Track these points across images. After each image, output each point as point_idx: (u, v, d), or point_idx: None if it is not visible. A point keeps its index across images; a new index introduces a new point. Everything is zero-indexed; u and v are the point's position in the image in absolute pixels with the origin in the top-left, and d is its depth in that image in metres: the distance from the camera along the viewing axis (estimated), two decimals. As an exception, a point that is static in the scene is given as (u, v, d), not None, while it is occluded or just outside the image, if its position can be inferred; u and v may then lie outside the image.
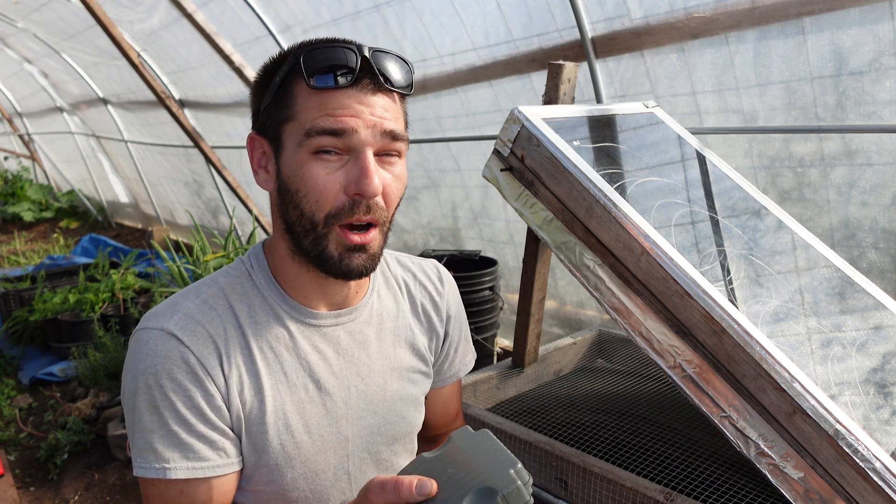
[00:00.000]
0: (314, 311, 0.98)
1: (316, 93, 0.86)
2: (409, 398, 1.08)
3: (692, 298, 1.24)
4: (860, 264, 2.05)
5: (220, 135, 5.24)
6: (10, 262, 7.13)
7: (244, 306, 0.95)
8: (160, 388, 0.88)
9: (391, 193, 0.90)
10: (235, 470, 0.94)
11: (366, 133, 0.86)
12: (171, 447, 0.88)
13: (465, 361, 1.22)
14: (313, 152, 0.86)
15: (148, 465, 0.89)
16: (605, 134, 1.65)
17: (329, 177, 0.86)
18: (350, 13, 3.32)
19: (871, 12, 1.79)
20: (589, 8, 2.34)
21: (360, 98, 0.86)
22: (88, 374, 3.70)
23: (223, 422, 0.91)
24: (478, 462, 0.75)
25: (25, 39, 6.96)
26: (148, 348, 0.89)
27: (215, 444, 0.90)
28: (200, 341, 0.90)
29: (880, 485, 1.06)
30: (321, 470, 0.99)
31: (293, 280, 0.97)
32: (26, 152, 11.13)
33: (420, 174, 3.64)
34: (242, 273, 0.99)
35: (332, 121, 0.85)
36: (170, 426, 0.88)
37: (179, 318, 0.91)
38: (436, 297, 1.14)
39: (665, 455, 1.60)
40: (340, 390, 0.99)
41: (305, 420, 0.97)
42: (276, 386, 0.95)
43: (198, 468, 0.89)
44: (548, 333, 3.24)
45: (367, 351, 1.03)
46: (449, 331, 1.16)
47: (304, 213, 0.89)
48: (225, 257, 3.74)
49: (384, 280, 1.10)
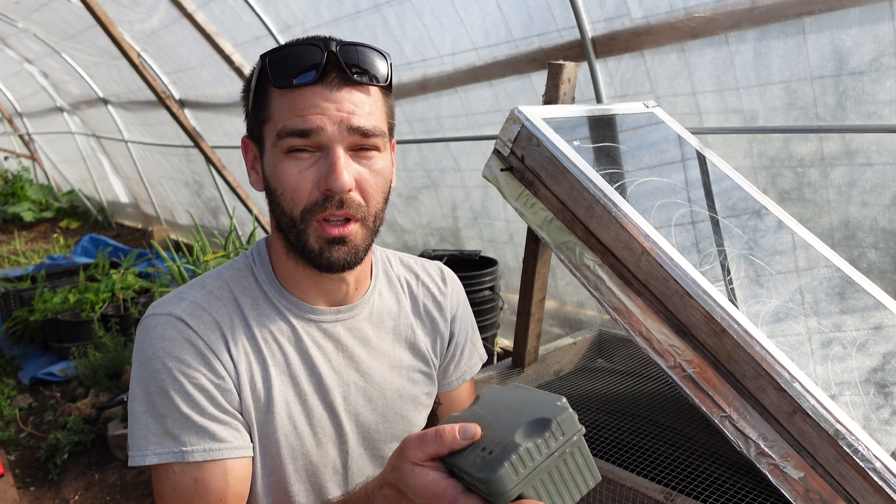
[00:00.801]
0: (313, 306, 0.99)
1: (286, 93, 0.87)
2: (409, 397, 1.08)
3: (692, 298, 1.24)
4: (860, 264, 2.05)
5: (221, 135, 5.24)
6: (10, 262, 7.13)
7: (248, 299, 0.97)
8: (168, 371, 0.88)
9: (368, 188, 0.90)
10: (250, 455, 0.93)
11: (332, 129, 0.86)
12: (187, 430, 0.88)
13: (472, 364, 1.21)
14: (286, 152, 0.88)
15: (164, 450, 0.88)
16: (606, 134, 1.65)
17: (301, 174, 0.88)
18: (350, 13, 3.32)
19: (872, 12, 1.79)
20: (589, 8, 2.34)
21: (325, 95, 0.86)
22: (88, 373, 3.70)
23: (233, 405, 0.92)
24: (519, 404, 0.72)
25: (26, 39, 6.96)
26: (155, 332, 0.90)
27: (230, 425, 0.91)
28: (208, 326, 0.91)
29: (880, 484, 1.06)
30: (321, 464, 0.99)
31: (291, 276, 0.98)
32: (26, 152, 11.14)
33: (420, 174, 3.64)
34: (245, 267, 1.00)
35: (299, 121, 0.86)
36: (182, 409, 0.88)
37: (186, 304, 0.92)
38: (439, 297, 1.14)
39: (665, 455, 1.60)
40: (340, 386, 1.00)
41: (308, 412, 0.97)
42: (280, 376, 0.95)
43: (215, 449, 0.89)
44: (548, 333, 3.24)
45: (366, 348, 1.03)
46: (454, 331, 1.16)
47: (283, 210, 0.90)
48: (225, 257, 3.75)
49: (386, 279, 1.10)
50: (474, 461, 0.68)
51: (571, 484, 0.70)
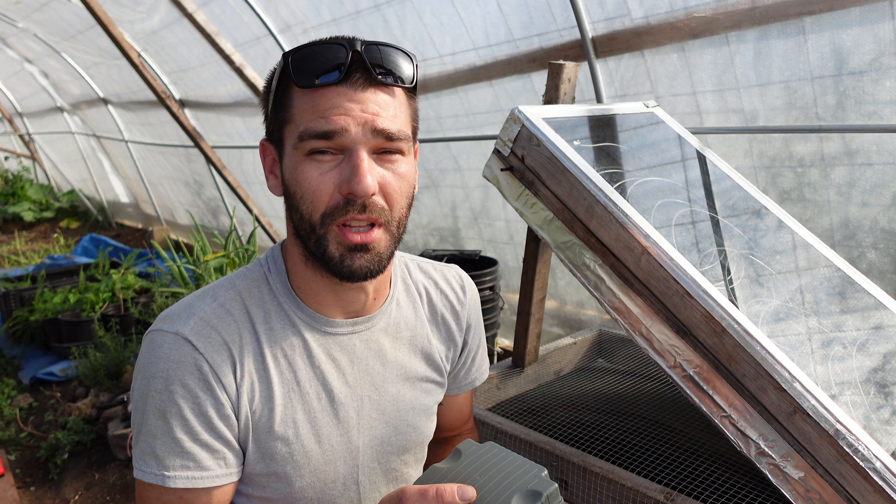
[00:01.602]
0: (330, 318, 0.96)
1: (308, 93, 0.84)
2: (421, 408, 1.06)
3: (692, 298, 1.24)
4: (860, 264, 2.05)
5: (221, 135, 5.24)
6: (10, 262, 7.13)
7: (260, 311, 0.94)
8: (169, 394, 0.86)
9: (392, 192, 0.87)
10: (233, 481, 0.93)
11: (356, 131, 0.83)
12: (173, 455, 0.87)
13: (482, 371, 1.20)
14: (307, 154, 0.85)
15: (148, 470, 0.88)
16: (606, 134, 1.65)
17: (322, 177, 0.84)
18: (350, 13, 3.32)
19: (872, 12, 1.79)
20: (589, 7, 2.34)
21: (350, 95, 0.83)
22: (89, 373, 3.70)
23: (230, 431, 0.90)
24: (504, 469, 0.77)
25: (26, 39, 6.96)
26: (161, 352, 0.87)
27: (217, 454, 0.89)
28: (215, 348, 0.89)
29: (881, 484, 1.06)
30: (330, 480, 0.98)
31: (308, 286, 0.95)
32: (27, 152, 11.14)
33: (420, 174, 3.64)
34: (260, 276, 0.97)
35: (322, 122, 0.83)
36: (174, 433, 0.87)
37: (195, 322, 0.89)
38: (457, 307, 1.12)
39: (665, 455, 1.60)
40: (353, 400, 0.98)
41: (316, 430, 0.95)
42: (287, 394, 0.93)
43: (197, 478, 0.88)
44: (548, 333, 3.24)
45: (381, 360, 1.01)
46: (468, 340, 1.14)
47: (303, 215, 0.87)
48: (225, 257, 3.74)
49: (405, 287, 1.07)
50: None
51: None
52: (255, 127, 4.77)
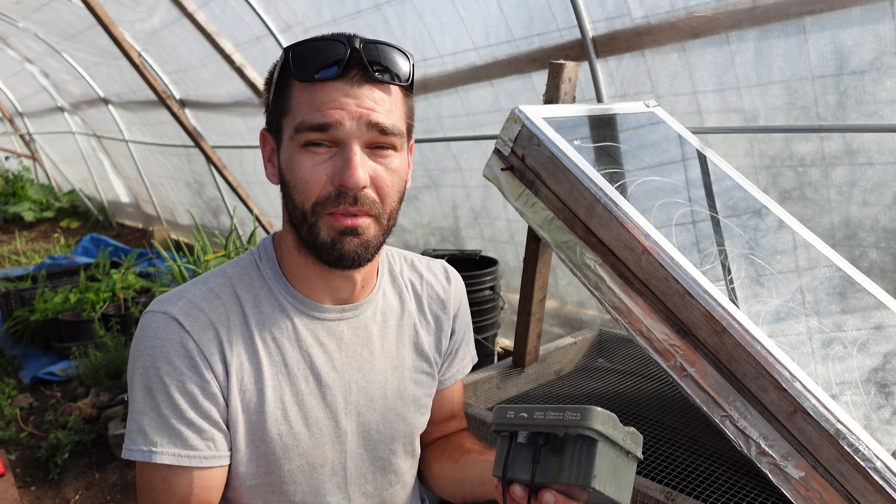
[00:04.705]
0: (319, 304, 0.99)
1: (306, 87, 0.87)
2: (410, 398, 1.08)
3: (693, 298, 1.24)
4: (861, 264, 2.05)
5: (221, 134, 5.24)
6: (10, 262, 7.14)
7: (249, 296, 0.97)
8: (155, 370, 0.89)
9: (384, 186, 0.90)
10: (222, 465, 0.94)
11: (351, 124, 0.86)
12: (160, 431, 0.89)
13: (464, 364, 1.22)
14: (302, 145, 0.88)
15: (135, 448, 0.90)
16: (606, 133, 1.65)
17: (315, 168, 0.87)
18: (351, 13, 3.32)
19: (872, 11, 1.79)
20: (589, 7, 2.33)
21: (346, 90, 0.86)
22: (89, 373, 3.71)
23: (217, 411, 0.92)
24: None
25: (26, 39, 6.96)
26: (150, 330, 0.91)
27: (205, 434, 0.91)
28: (201, 328, 0.91)
29: (881, 484, 1.06)
30: (318, 464, 0.99)
31: (299, 272, 0.98)
32: (27, 152, 11.14)
33: (421, 174, 3.64)
34: (250, 263, 1.00)
35: (318, 115, 0.86)
36: (160, 409, 0.89)
37: (184, 304, 0.92)
38: (442, 296, 1.14)
39: (666, 454, 1.60)
40: (341, 384, 1.00)
41: (304, 412, 0.97)
42: (276, 376, 0.95)
43: (184, 455, 0.90)
44: (548, 333, 3.24)
45: (369, 348, 1.03)
46: (455, 329, 1.16)
47: (296, 204, 0.90)
48: (226, 257, 3.75)
49: (391, 279, 1.10)
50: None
51: (623, 485, 0.77)
52: (256, 127, 4.76)
